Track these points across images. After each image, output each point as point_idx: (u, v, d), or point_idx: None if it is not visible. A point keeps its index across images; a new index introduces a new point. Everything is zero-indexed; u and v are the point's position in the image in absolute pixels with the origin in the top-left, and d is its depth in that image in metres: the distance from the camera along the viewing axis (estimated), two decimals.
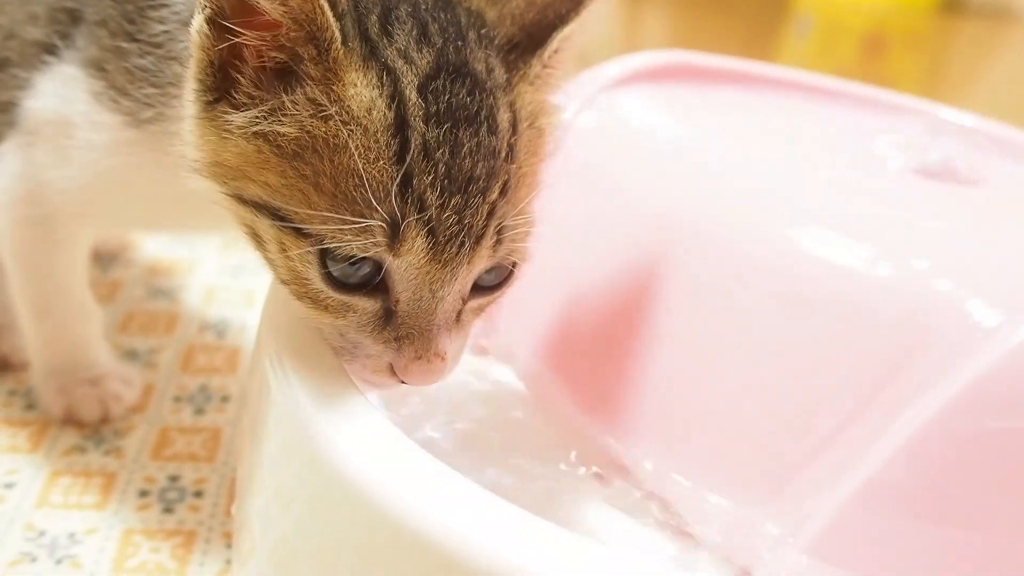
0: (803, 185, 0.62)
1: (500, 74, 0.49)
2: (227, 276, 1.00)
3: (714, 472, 0.55)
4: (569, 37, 0.51)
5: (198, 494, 0.69)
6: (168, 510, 0.67)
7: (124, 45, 0.57)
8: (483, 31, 0.49)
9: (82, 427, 0.74)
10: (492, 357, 0.69)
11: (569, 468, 0.60)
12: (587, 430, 0.61)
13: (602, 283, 0.63)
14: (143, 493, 0.69)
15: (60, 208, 0.64)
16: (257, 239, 0.49)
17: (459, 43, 0.47)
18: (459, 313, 0.49)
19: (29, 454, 0.72)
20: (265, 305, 0.57)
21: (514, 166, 0.48)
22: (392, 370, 0.49)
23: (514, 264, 0.50)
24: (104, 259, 0.99)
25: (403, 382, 0.49)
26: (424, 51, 0.47)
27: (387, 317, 0.48)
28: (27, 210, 0.64)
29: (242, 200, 0.48)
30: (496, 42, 0.50)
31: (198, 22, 0.46)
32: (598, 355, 0.62)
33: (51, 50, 0.62)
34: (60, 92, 0.60)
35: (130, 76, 0.56)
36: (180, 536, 0.65)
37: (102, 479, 0.70)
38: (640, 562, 0.41)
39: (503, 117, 0.47)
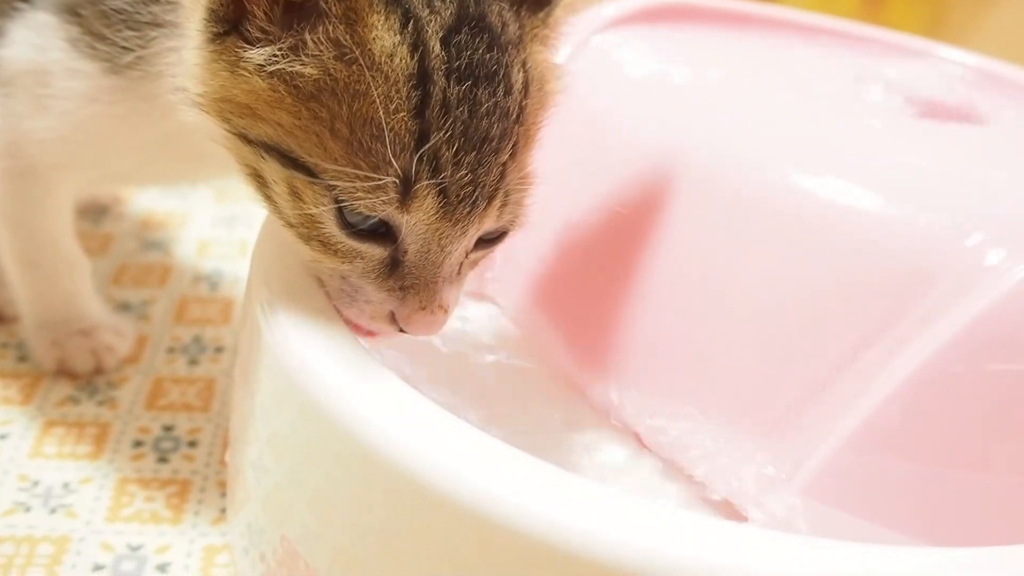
0: (801, 125, 0.60)
1: (514, 30, 0.47)
2: (220, 228, 0.99)
3: (709, 415, 0.55)
4: None
5: (192, 444, 0.69)
6: (163, 459, 0.67)
7: None
8: None
9: (75, 378, 0.74)
10: (484, 301, 0.68)
11: (561, 412, 0.60)
12: (580, 373, 0.61)
13: (597, 225, 0.63)
14: (137, 443, 0.69)
15: (40, 159, 0.62)
16: (259, 180, 0.48)
17: None
18: (460, 266, 0.49)
19: (22, 406, 0.71)
20: (255, 253, 0.56)
21: (522, 128, 0.47)
22: (392, 318, 0.49)
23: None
24: (96, 212, 0.98)
25: (402, 330, 0.49)
26: (447, 2, 0.45)
27: (393, 266, 0.47)
28: (7, 162, 0.63)
29: (247, 140, 0.47)
30: None
31: None
32: (593, 299, 0.62)
33: None
34: (35, 40, 0.59)
35: (106, 20, 0.55)
36: (175, 485, 0.65)
37: (96, 429, 0.70)
38: (639, 502, 0.40)
39: (517, 77, 0.47)
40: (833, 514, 0.48)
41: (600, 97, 0.66)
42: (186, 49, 0.48)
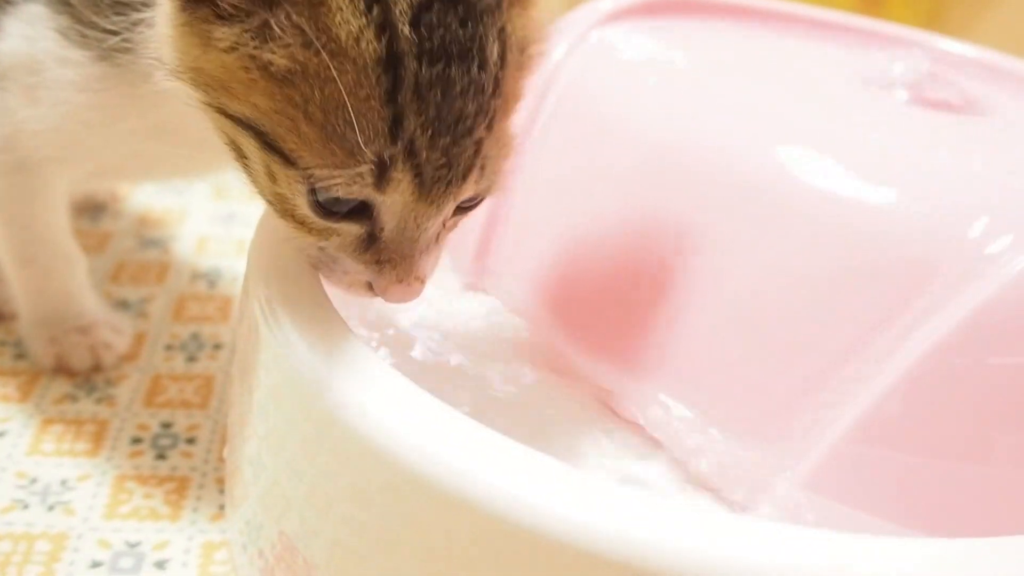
0: (802, 117, 0.60)
1: None
2: (218, 225, 0.99)
3: (710, 406, 0.54)
4: None
5: (191, 440, 0.69)
6: (161, 456, 0.67)
7: None
8: None
9: (73, 376, 0.74)
10: (491, 300, 0.68)
11: (560, 402, 0.60)
12: (581, 364, 0.60)
13: (600, 221, 0.62)
14: (136, 440, 0.68)
15: (34, 152, 0.62)
16: (239, 151, 0.47)
17: None
18: (438, 235, 0.49)
19: (20, 403, 0.71)
20: (251, 250, 0.56)
21: (499, 100, 0.46)
22: (369, 287, 0.49)
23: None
24: (93, 210, 0.98)
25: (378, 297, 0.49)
26: None
27: (370, 240, 0.47)
28: (2, 157, 0.63)
29: (225, 114, 0.46)
30: None
31: None
32: (596, 292, 0.61)
33: None
34: (26, 32, 0.58)
35: (95, 6, 0.54)
36: (173, 482, 0.65)
37: (94, 427, 0.69)
38: (637, 494, 0.40)
39: (493, 49, 0.45)
40: (834, 507, 0.48)
41: (600, 91, 0.65)
42: (159, 16, 0.47)
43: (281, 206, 0.47)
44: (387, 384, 0.45)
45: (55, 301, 0.73)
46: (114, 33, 0.54)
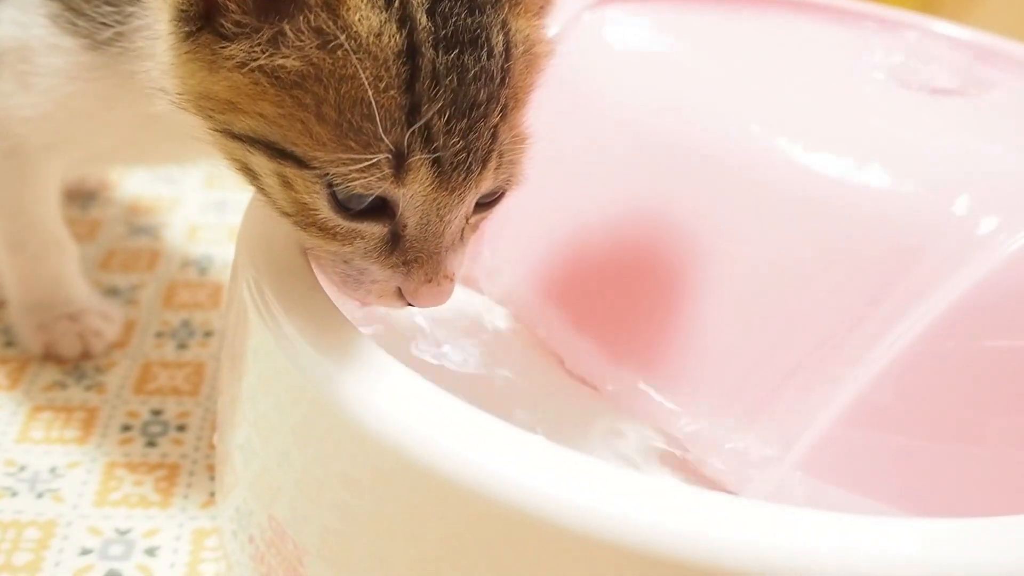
0: (794, 100, 0.60)
1: None
2: (210, 213, 0.98)
3: (702, 392, 0.54)
4: None
5: (181, 428, 0.68)
6: (151, 444, 0.67)
7: None
8: None
9: (63, 363, 0.73)
10: (488, 291, 0.68)
11: (551, 386, 0.60)
12: (578, 354, 0.60)
13: (590, 205, 0.62)
14: (125, 427, 0.68)
15: (25, 138, 0.62)
16: (249, 173, 0.47)
17: None
18: (462, 231, 0.48)
19: (9, 391, 0.71)
20: (240, 233, 0.55)
21: (509, 91, 0.46)
22: (399, 293, 0.48)
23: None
24: (84, 198, 0.97)
25: (410, 304, 0.48)
26: None
27: (394, 241, 0.47)
28: None
29: (231, 135, 0.46)
30: None
31: None
32: (587, 279, 0.61)
33: None
34: (17, 18, 0.58)
35: None
36: (163, 469, 0.65)
37: (84, 414, 0.69)
38: (631, 476, 0.40)
39: (498, 39, 0.46)
40: (828, 489, 0.48)
41: (591, 74, 0.65)
42: (159, 48, 0.47)
43: (302, 215, 0.46)
44: (378, 368, 0.45)
45: (45, 288, 0.72)
46: (105, 26, 0.53)
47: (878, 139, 0.55)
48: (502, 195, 0.49)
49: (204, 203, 1.00)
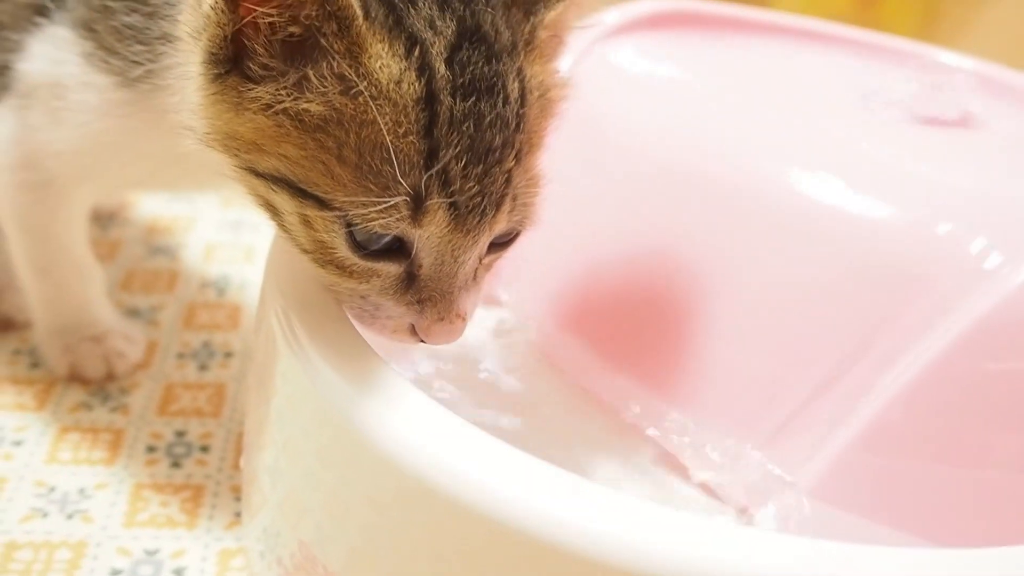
0: (803, 130, 0.62)
1: (507, 37, 0.48)
2: (226, 232, 0.99)
3: (715, 417, 0.56)
4: (581, 3, 0.50)
5: (205, 449, 0.70)
6: (176, 465, 0.68)
7: (110, 3, 0.56)
8: None
9: (87, 384, 0.75)
10: (506, 318, 0.69)
11: (571, 414, 0.61)
12: (594, 378, 0.61)
13: (605, 233, 0.64)
14: (151, 448, 0.70)
15: (57, 171, 0.63)
16: (272, 210, 0.49)
17: (473, 6, 0.47)
18: (475, 272, 0.50)
19: (36, 412, 0.72)
20: (268, 261, 0.57)
21: (524, 136, 0.48)
22: (412, 330, 0.50)
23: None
24: (103, 218, 0.99)
25: (423, 341, 0.50)
26: (448, 18, 0.46)
27: (409, 280, 0.48)
28: (24, 175, 0.64)
29: (255, 173, 0.47)
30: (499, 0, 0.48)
31: None
32: (602, 305, 0.63)
33: (42, 11, 0.61)
34: (52, 54, 0.60)
35: (118, 35, 0.56)
36: (189, 490, 0.66)
37: (110, 435, 0.70)
38: (643, 506, 0.41)
39: (513, 86, 0.47)
40: (839, 515, 0.49)
41: (604, 105, 0.67)
42: (188, 88, 0.49)
43: (321, 253, 0.48)
44: (402, 394, 0.46)
45: (70, 311, 0.74)
46: (137, 64, 0.55)
47: (885, 171, 0.57)
48: (515, 236, 0.51)
49: (220, 223, 1.01)
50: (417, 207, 0.45)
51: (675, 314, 0.59)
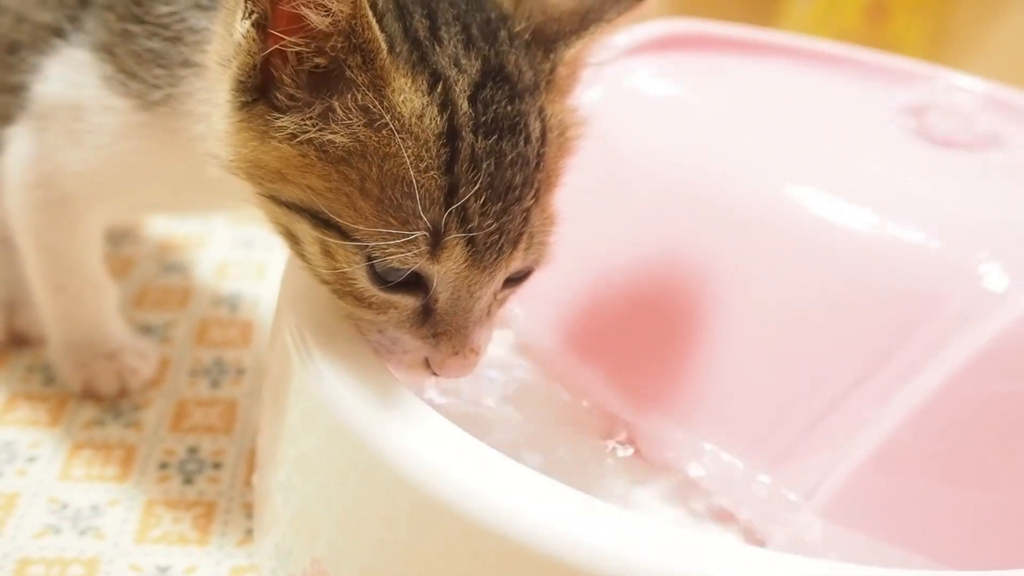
0: (814, 152, 0.62)
1: (529, 76, 0.49)
2: (238, 250, 1.00)
3: (726, 439, 0.56)
4: (599, 40, 0.50)
5: (217, 465, 0.70)
6: (188, 481, 0.69)
7: (131, 27, 0.57)
8: (511, 29, 0.49)
9: (100, 401, 0.75)
10: (513, 340, 0.69)
11: (579, 435, 0.61)
12: (598, 398, 0.62)
13: (616, 254, 0.64)
14: (163, 465, 0.70)
15: (73, 192, 0.64)
16: (292, 239, 0.49)
17: (498, 46, 0.47)
18: (489, 307, 0.50)
19: (49, 428, 0.73)
20: (283, 279, 0.57)
21: (543, 175, 0.49)
22: (426, 363, 0.50)
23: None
24: (116, 236, 0.99)
25: (435, 374, 0.50)
26: (472, 57, 0.47)
27: (425, 314, 0.49)
28: (41, 194, 0.65)
29: (278, 201, 0.48)
30: (521, 39, 0.49)
31: (244, 27, 0.45)
32: (612, 327, 0.63)
33: (60, 33, 0.62)
34: (70, 76, 0.60)
35: (138, 58, 0.57)
36: (201, 507, 0.66)
37: (122, 452, 0.71)
38: (653, 525, 0.41)
39: (535, 126, 0.48)
40: (851, 536, 0.49)
41: (615, 127, 0.67)
42: (214, 116, 0.50)
43: (340, 284, 0.48)
44: (415, 412, 0.47)
45: (84, 327, 0.74)
46: (156, 87, 0.56)
47: (897, 192, 0.57)
48: (529, 273, 0.51)
49: (233, 240, 1.02)
50: (436, 243, 0.45)
51: (683, 334, 0.59)
